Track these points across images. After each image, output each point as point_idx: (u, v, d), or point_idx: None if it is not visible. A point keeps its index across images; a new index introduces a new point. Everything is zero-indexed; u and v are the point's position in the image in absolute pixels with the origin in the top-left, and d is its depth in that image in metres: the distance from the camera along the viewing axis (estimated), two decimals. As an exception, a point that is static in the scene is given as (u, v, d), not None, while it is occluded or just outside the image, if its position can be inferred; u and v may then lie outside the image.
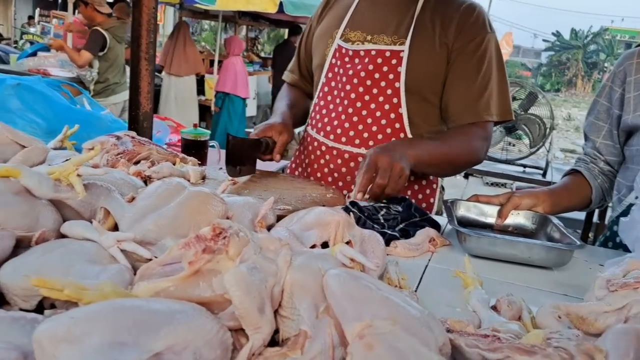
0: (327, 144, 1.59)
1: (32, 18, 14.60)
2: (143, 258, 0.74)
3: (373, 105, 1.52)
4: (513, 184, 5.56)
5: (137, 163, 1.24)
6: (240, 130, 6.53)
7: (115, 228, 0.81)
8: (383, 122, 1.51)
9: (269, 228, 0.97)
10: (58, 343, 0.45)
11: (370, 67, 1.51)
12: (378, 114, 1.51)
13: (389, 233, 1.09)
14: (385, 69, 1.49)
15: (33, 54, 5.51)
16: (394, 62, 1.49)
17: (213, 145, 2.23)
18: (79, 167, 0.78)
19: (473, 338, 0.65)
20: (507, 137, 4.49)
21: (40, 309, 0.62)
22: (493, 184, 7.10)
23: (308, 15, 6.83)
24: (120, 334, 0.48)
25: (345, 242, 0.89)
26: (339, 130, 1.56)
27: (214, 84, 7.01)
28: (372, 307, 0.59)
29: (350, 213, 1.00)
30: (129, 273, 0.67)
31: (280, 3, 6.37)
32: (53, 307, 0.64)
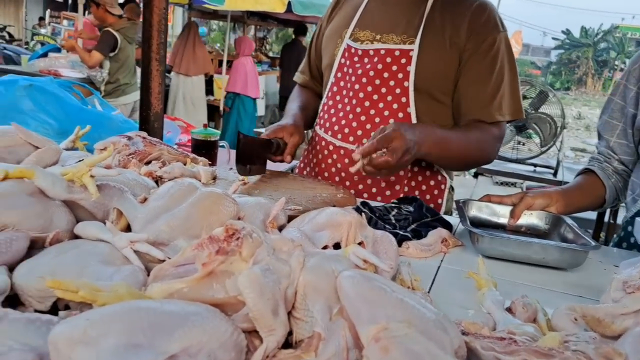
0: (334, 144, 1.58)
1: (42, 19, 14.72)
2: (156, 259, 0.74)
3: (381, 105, 1.51)
4: (523, 184, 5.52)
5: (148, 163, 1.25)
6: (251, 131, 6.55)
7: (128, 228, 0.81)
8: (391, 121, 1.50)
9: (280, 229, 0.97)
10: (74, 345, 0.45)
11: (379, 66, 1.50)
12: (386, 114, 1.51)
13: (401, 234, 1.08)
14: (395, 68, 1.49)
15: (44, 55, 5.55)
16: (404, 61, 1.48)
17: (223, 146, 2.24)
18: (92, 168, 0.78)
19: (489, 341, 0.64)
20: (517, 136, 4.46)
21: (55, 310, 0.63)
22: (503, 184, 7.05)
23: (316, 15, 6.87)
24: (136, 336, 0.48)
25: (358, 243, 0.89)
26: (347, 130, 1.56)
27: (223, 84, 7.02)
28: (386, 309, 0.58)
29: (362, 214, 1.00)
30: (143, 274, 0.67)
31: (289, 3, 6.36)
32: (67, 308, 0.64)
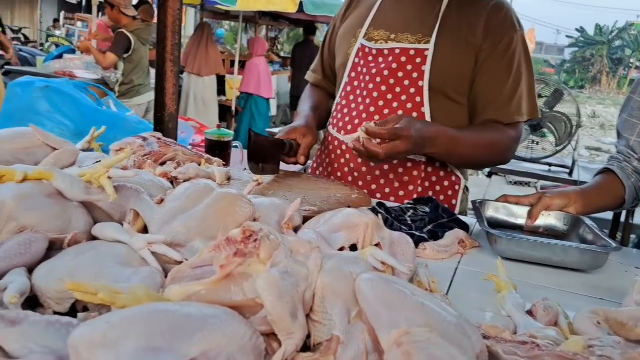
0: (347, 143, 1.57)
1: (57, 21, 14.90)
2: (173, 260, 0.74)
3: (395, 104, 1.50)
4: (537, 183, 5.46)
5: (163, 164, 1.25)
6: (264, 131, 6.56)
7: (145, 230, 0.81)
8: (401, 114, 1.49)
9: (296, 230, 0.96)
10: (94, 348, 0.45)
11: (394, 65, 1.49)
12: (400, 113, 1.49)
13: (418, 235, 1.07)
14: (409, 68, 1.48)
15: (59, 57, 5.61)
16: (419, 60, 1.47)
17: (236, 146, 2.24)
18: (110, 169, 0.78)
19: (511, 345, 0.63)
20: (531, 135, 4.41)
21: (73, 311, 0.63)
22: (517, 183, 6.99)
23: (328, 15, 6.85)
24: (155, 339, 0.48)
25: (374, 244, 0.88)
26: None
27: (235, 85, 7.04)
28: (407, 313, 0.57)
29: (378, 215, 0.99)
30: (160, 276, 0.67)
31: (300, 3, 6.36)
32: (85, 309, 0.64)
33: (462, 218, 1.25)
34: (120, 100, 3.40)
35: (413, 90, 1.47)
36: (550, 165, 4.42)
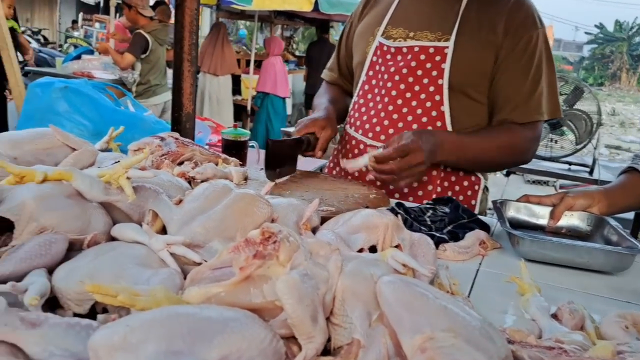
0: (365, 142, 1.56)
1: (75, 22, 15.10)
2: (192, 261, 0.73)
3: (414, 103, 1.48)
4: (556, 182, 5.39)
5: (180, 164, 1.25)
6: (279, 130, 6.56)
7: (163, 230, 0.81)
8: (424, 119, 1.48)
9: (314, 230, 0.95)
10: (114, 351, 0.45)
11: (413, 63, 1.47)
12: (419, 112, 1.48)
13: (437, 235, 1.05)
14: (429, 66, 1.46)
15: (77, 57, 5.69)
16: (438, 58, 1.45)
17: (253, 146, 2.24)
18: (128, 169, 0.78)
19: (537, 350, 0.61)
20: (550, 133, 4.34)
21: (93, 312, 0.62)
22: (535, 182, 6.90)
23: (344, 13, 6.83)
24: (175, 343, 0.47)
25: (394, 245, 0.86)
26: (378, 128, 1.53)
27: (250, 84, 7.05)
28: (430, 317, 0.56)
29: (398, 215, 0.98)
30: (179, 277, 0.66)
31: (316, 1, 6.35)
32: (105, 310, 0.64)
33: (482, 218, 1.23)
34: (137, 100, 3.43)
35: (432, 89, 1.45)
36: (570, 164, 4.35)
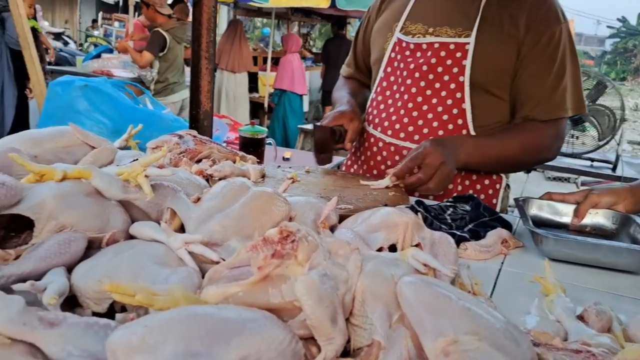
0: (384, 140, 1.54)
1: (95, 21, 15.30)
2: (209, 260, 0.73)
3: (435, 100, 1.46)
4: (578, 179, 5.29)
5: (198, 162, 1.25)
6: (296, 127, 6.56)
7: (182, 228, 0.81)
8: (445, 117, 1.45)
9: (332, 229, 0.94)
10: (132, 352, 0.44)
11: (433, 60, 1.45)
12: (440, 109, 1.46)
13: (458, 234, 1.03)
14: (449, 63, 1.43)
15: (97, 56, 5.76)
16: (459, 55, 1.42)
17: (270, 143, 2.23)
18: (147, 168, 0.78)
19: (563, 353, 0.59)
20: (572, 129, 4.26)
21: (111, 311, 0.62)
22: (556, 179, 6.79)
23: (360, 9, 6.79)
24: (194, 344, 0.46)
25: (414, 244, 0.85)
26: (397, 126, 1.51)
27: (267, 81, 7.06)
28: (452, 319, 0.55)
29: (418, 213, 0.96)
30: (198, 276, 0.66)
31: (332, -2, 6.33)
32: (124, 309, 0.64)
33: (504, 216, 1.20)
34: (156, 98, 3.46)
35: (453, 86, 1.43)
36: (593, 161, 4.27)
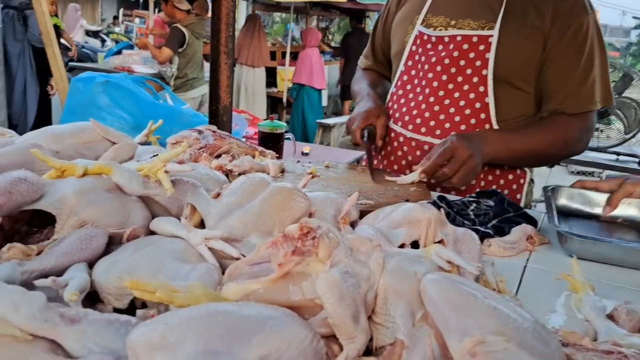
0: (405, 135, 1.52)
1: (116, 18, 15.47)
2: (229, 255, 0.72)
3: (457, 94, 1.43)
4: (602, 173, 5.16)
5: (218, 157, 1.24)
6: (315, 121, 6.56)
7: (202, 224, 0.81)
8: (467, 111, 1.42)
9: (352, 224, 0.93)
10: (152, 350, 0.44)
11: (456, 53, 1.42)
12: (462, 103, 1.43)
13: (482, 230, 1.01)
14: (472, 56, 1.40)
15: (118, 52, 5.82)
16: (482, 48, 1.39)
17: (289, 138, 2.23)
18: (167, 163, 0.77)
19: (593, 354, 0.57)
20: (597, 123, 4.16)
21: (132, 307, 0.62)
22: (579, 173, 6.66)
23: (379, 2, 6.74)
24: (214, 342, 0.46)
25: (437, 241, 0.83)
26: (419, 120, 1.49)
27: (286, 76, 7.05)
28: (479, 318, 0.53)
29: (441, 209, 0.94)
30: (218, 273, 0.65)
31: (351, -9, 6.29)
32: (144, 305, 0.63)
33: (528, 212, 1.17)
34: (175, 94, 3.48)
35: (476, 80, 1.40)
36: (618, 155, 4.16)
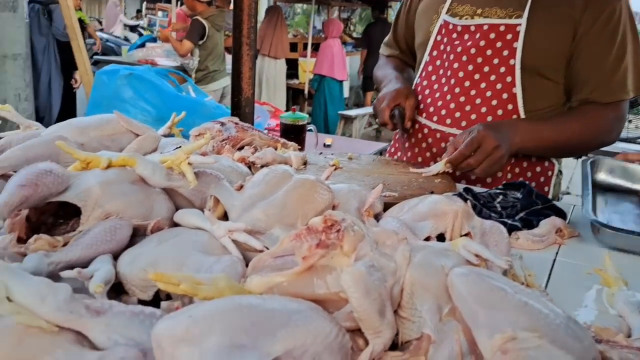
0: (429, 127, 1.50)
1: (139, 11, 15.63)
2: (253, 248, 0.72)
3: (483, 85, 1.40)
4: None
5: (240, 149, 1.24)
6: (336, 114, 6.53)
7: (225, 216, 0.80)
8: (494, 102, 1.39)
9: (376, 217, 0.92)
10: (177, 343, 0.44)
11: (482, 43, 1.39)
12: (488, 94, 1.39)
13: (510, 223, 0.99)
14: (499, 45, 1.37)
15: (141, 45, 5.87)
16: (509, 37, 1.35)
17: (311, 130, 2.22)
18: (190, 155, 0.77)
19: (628, 351, 0.55)
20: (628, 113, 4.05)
21: (157, 298, 0.62)
22: (607, 165, 6.48)
23: (402, -8, 6.64)
24: (239, 336, 0.45)
25: (464, 234, 0.82)
26: (444, 112, 1.46)
27: (308, 67, 7.03)
28: (508, 314, 0.51)
29: (467, 201, 0.92)
30: (241, 265, 0.65)
31: (373, -19, 6.22)
32: (169, 297, 0.63)
33: (557, 204, 1.14)
34: (197, 86, 3.49)
35: (503, 70, 1.37)
36: (650, 146, 4.04)
